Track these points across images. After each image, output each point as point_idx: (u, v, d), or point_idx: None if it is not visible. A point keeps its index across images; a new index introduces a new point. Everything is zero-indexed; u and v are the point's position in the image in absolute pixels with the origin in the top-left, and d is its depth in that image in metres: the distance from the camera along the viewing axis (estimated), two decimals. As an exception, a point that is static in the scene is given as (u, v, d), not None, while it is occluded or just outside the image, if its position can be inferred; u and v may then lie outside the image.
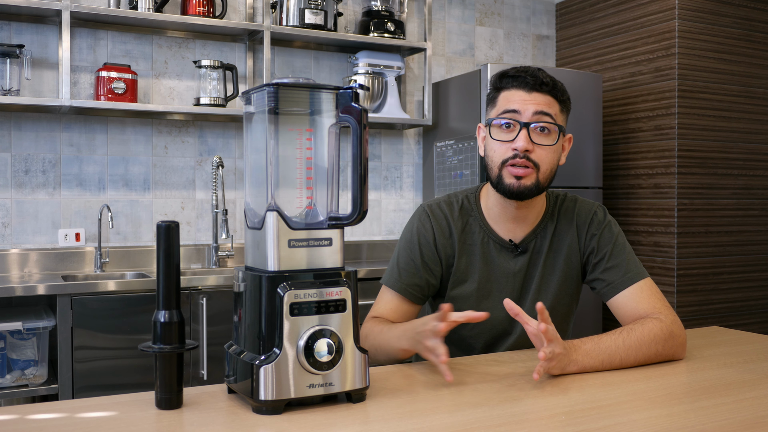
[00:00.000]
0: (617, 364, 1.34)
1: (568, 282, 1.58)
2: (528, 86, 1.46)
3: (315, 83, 1.12)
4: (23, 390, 2.51)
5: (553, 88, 1.48)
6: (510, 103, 1.46)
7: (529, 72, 1.47)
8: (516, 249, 1.56)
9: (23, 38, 2.96)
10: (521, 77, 1.47)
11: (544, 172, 1.48)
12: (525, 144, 1.44)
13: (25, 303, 2.74)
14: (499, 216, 1.56)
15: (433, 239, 1.56)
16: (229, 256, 3.29)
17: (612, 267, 1.52)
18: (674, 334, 1.40)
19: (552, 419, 1.05)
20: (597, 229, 1.56)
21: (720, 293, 3.55)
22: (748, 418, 1.06)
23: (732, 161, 3.59)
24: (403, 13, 3.58)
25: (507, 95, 1.48)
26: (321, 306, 1.07)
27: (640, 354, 1.36)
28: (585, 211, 1.59)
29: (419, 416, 1.07)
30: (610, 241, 1.55)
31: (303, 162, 1.12)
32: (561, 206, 1.60)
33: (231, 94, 3.20)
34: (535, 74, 1.47)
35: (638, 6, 3.64)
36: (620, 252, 1.53)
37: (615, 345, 1.34)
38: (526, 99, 1.46)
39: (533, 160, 1.45)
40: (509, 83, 1.48)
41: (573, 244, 1.57)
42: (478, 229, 1.57)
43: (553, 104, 1.47)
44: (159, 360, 1.07)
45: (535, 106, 1.45)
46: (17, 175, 2.98)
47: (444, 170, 3.54)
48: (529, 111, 1.45)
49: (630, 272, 1.50)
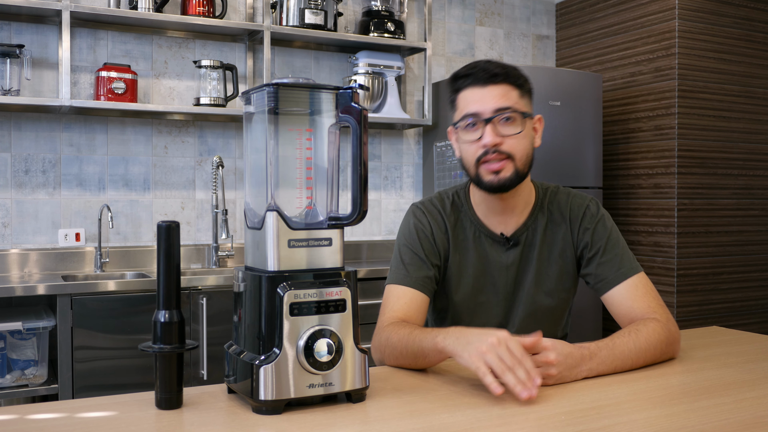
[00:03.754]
0: (627, 368, 1.33)
1: (565, 276, 1.58)
2: (481, 81, 1.47)
3: (315, 83, 1.12)
4: (23, 390, 2.51)
5: (507, 77, 1.47)
6: (468, 105, 1.48)
7: (479, 67, 1.48)
8: (507, 242, 1.56)
9: (23, 38, 2.96)
10: (473, 74, 1.48)
11: (520, 159, 1.48)
12: (492, 139, 1.45)
13: (25, 303, 2.74)
14: (488, 210, 1.57)
15: (431, 232, 1.57)
16: (229, 256, 3.29)
17: (605, 262, 1.52)
18: (671, 332, 1.40)
19: (552, 419, 1.05)
20: (590, 223, 1.56)
21: (720, 293, 3.55)
22: (748, 418, 1.06)
23: (732, 161, 3.59)
24: (403, 13, 3.58)
25: (464, 96, 1.49)
26: (321, 306, 1.07)
27: (648, 356, 1.36)
28: (577, 204, 1.59)
29: (419, 416, 1.07)
30: (604, 235, 1.54)
31: (303, 162, 1.12)
32: (552, 198, 1.60)
33: (231, 94, 3.20)
34: (486, 68, 1.47)
35: (638, 6, 3.64)
36: (614, 246, 1.53)
37: (627, 350, 1.32)
38: (483, 95, 1.46)
39: (505, 151, 1.46)
40: (464, 83, 1.50)
41: (567, 237, 1.57)
42: (469, 224, 1.59)
43: (510, 92, 1.47)
44: (159, 360, 1.07)
45: (493, 101, 1.45)
46: (17, 175, 2.98)
47: (444, 170, 3.54)
48: (488, 108, 1.45)
49: (623, 267, 1.50)
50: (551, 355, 1.21)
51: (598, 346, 1.31)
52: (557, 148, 3.41)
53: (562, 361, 1.23)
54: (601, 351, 1.30)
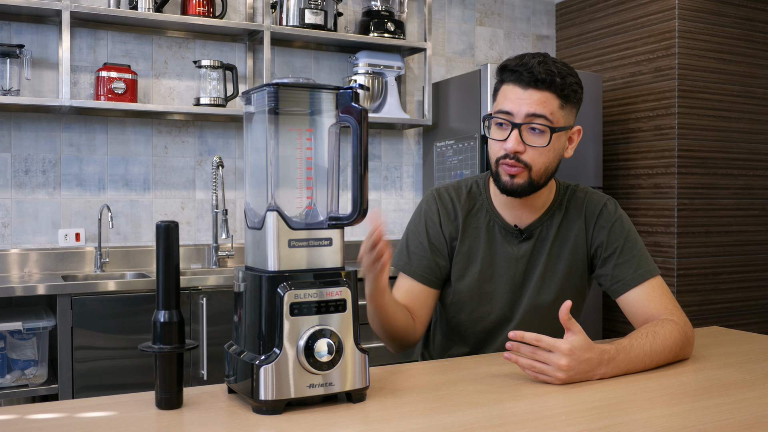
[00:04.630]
0: (639, 370, 1.33)
1: (573, 273, 1.57)
2: (523, 83, 1.43)
3: (315, 83, 1.12)
4: (23, 390, 2.51)
5: (551, 84, 1.42)
6: (505, 103, 1.46)
7: (527, 66, 1.43)
8: (521, 234, 1.56)
9: (23, 38, 2.96)
10: (518, 72, 1.44)
11: (537, 171, 1.46)
12: (515, 146, 1.44)
13: (25, 303, 2.74)
14: (505, 202, 1.56)
15: (439, 221, 1.58)
16: (229, 256, 3.29)
17: (622, 263, 1.51)
18: (687, 336, 1.40)
19: (552, 419, 1.05)
20: (606, 222, 1.55)
21: (720, 293, 3.55)
22: (748, 418, 1.06)
23: (732, 161, 3.59)
24: (403, 13, 3.58)
25: (505, 90, 1.48)
26: (321, 306, 1.07)
27: (662, 358, 1.35)
28: (594, 202, 1.58)
29: (419, 416, 1.07)
30: (621, 236, 1.53)
31: (303, 162, 1.12)
32: (571, 196, 1.60)
33: (231, 94, 3.20)
34: (532, 69, 1.42)
35: (638, 6, 3.64)
36: (631, 248, 1.52)
37: (643, 353, 1.32)
38: (521, 97, 1.43)
39: (523, 160, 1.45)
40: (508, 77, 1.47)
41: (580, 235, 1.56)
42: (484, 213, 1.58)
43: (550, 101, 1.43)
44: (159, 360, 1.07)
45: (528, 107, 1.42)
46: (17, 175, 2.98)
47: (444, 170, 3.54)
48: (522, 112, 1.43)
49: (641, 269, 1.49)
50: (563, 360, 1.21)
51: (617, 350, 1.28)
52: (557, 148, 3.40)
53: (574, 367, 1.22)
54: (619, 355, 1.28)
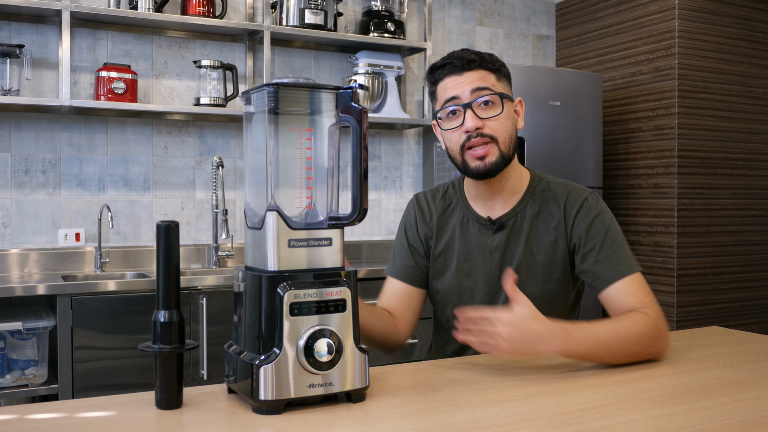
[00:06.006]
0: (606, 354, 1.32)
1: (554, 266, 1.55)
2: (457, 69, 1.50)
3: (315, 83, 1.12)
4: (23, 390, 2.51)
5: (482, 62, 1.50)
6: (447, 92, 1.51)
7: (454, 56, 1.51)
8: (493, 225, 1.57)
9: (23, 38, 2.96)
10: (449, 64, 1.51)
11: (503, 142, 1.50)
12: (474, 122, 1.47)
13: (25, 303, 2.74)
14: (477, 195, 1.60)
15: (415, 223, 1.66)
16: (229, 256, 3.29)
17: (602, 259, 1.49)
18: (659, 327, 1.38)
19: (552, 419, 1.05)
20: (586, 216, 1.53)
21: (720, 293, 3.55)
22: (748, 418, 1.06)
23: (732, 161, 3.59)
24: (403, 13, 3.58)
25: (443, 85, 1.52)
26: (321, 306, 1.07)
27: (628, 345, 1.33)
28: (575, 195, 1.56)
29: (419, 416, 1.07)
30: (601, 231, 1.51)
31: (303, 162, 1.12)
32: (546, 187, 1.59)
33: (231, 94, 3.20)
34: (461, 56, 1.51)
35: (638, 6, 3.64)
36: (611, 244, 1.50)
37: (605, 333, 1.32)
38: (461, 81, 1.49)
39: (487, 134, 1.48)
40: (441, 73, 1.53)
41: (560, 228, 1.55)
42: (459, 210, 1.63)
43: (487, 76, 1.50)
44: (159, 360, 1.07)
45: (470, 84, 1.48)
46: (17, 175, 2.98)
47: (444, 170, 3.54)
48: (466, 91, 1.48)
49: (621, 265, 1.47)
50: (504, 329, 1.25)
51: (575, 327, 1.31)
52: (557, 148, 3.41)
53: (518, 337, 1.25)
54: (576, 331, 1.30)
